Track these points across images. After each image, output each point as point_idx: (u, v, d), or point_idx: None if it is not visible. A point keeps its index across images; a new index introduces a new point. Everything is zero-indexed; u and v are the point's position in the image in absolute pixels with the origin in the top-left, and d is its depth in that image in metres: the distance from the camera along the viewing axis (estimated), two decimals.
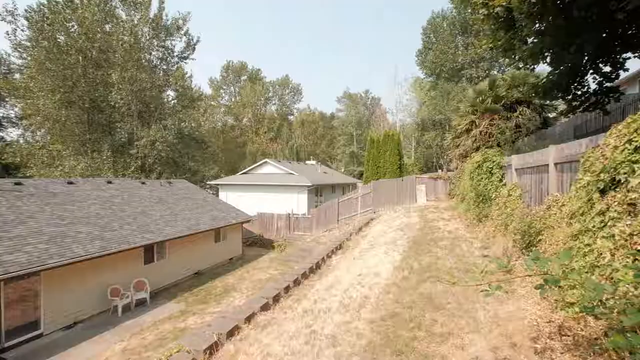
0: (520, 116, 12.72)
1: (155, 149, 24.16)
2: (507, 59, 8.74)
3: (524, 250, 5.70)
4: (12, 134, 37.60)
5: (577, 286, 3.07)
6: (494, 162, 9.06)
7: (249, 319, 5.66)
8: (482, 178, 9.40)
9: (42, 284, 8.77)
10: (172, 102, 29.91)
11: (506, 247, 6.58)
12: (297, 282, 7.97)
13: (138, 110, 24.91)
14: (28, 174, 23.50)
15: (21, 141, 30.51)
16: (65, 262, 8.72)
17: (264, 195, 24.21)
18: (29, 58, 23.17)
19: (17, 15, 22.14)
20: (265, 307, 6.23)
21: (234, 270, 14.82)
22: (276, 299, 6.75)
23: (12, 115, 37.00)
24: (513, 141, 12.47)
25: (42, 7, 22.28)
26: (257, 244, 20.43)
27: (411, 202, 17.37)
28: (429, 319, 4.61)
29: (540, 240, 5.22)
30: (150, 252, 12.07)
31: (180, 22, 27.70)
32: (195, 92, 30.75)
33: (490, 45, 7.67)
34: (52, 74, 21.64)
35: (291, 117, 65.52)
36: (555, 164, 5.60)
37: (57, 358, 7.60)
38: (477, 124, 13.76)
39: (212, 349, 4.59)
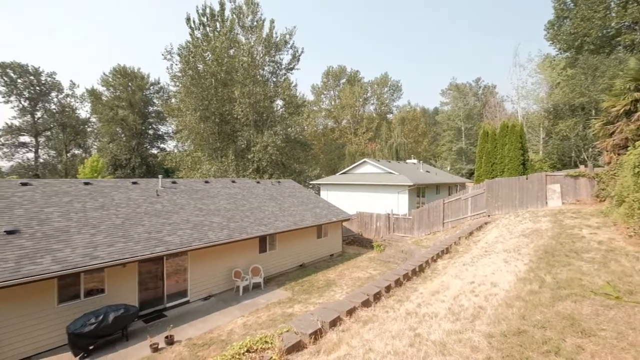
0: None
1: (267, 152, 27.37)
2: None
3: None
4: (170, 145, 48.97)
5: None
6: None
7: (350, 313, 5.71)
8: None
9: (189, 262, 11.02)
10: (281, 110, 33.28)
11: None
12: (398, 283, 7.63)
13: (254, 120, 28.74)
14: (180, 176, 30.17)
15: (175, 151, 39.47)
16: (203, 245, 10.73)
17: (362, 195, 24.32)
18: (179, 85, 29.70)
19: (173, 53, 28.74)
20: (366, 304, 6.18)
21: (334, 266, 15.35)
22: (377, 296, 6.61)
23: (170, 131, 48.20)
24: None
25: (188, 43, 28.24)
26: (356, 242, 20.66)
27: (540, 205, 14.44)
28: (571, 345, 3.67)
29: None
30: (263, 243, 13.68)
31: (287, 37, 30.64)
32: (300, 99, 33.41)
33: None
34: (194, 96, 27.17)
35: (390, 116, 63.88)
36: None
37: (199, 322, 9.40)
38: None
39: (317, 334, 4.81)
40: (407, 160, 36.02)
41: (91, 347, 7.64)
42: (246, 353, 4.23)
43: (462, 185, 29.45)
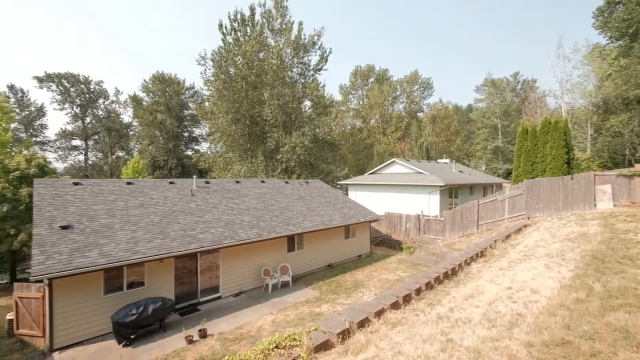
0: None
1: (295, 153, 27.73)
2: None
3: None
4: (204, 147, 51.19)
5: None
6: None
7: (378, 314, 5.62)
8: None
9: (221, 259, 11.43)
10: (309, 110, 33.56)
11: None
12: (429, 286, 7.39)
13: (283, 121, 29.24)
14: (213, 176, 31.44)
15: (208, 152, 41.20)
16: (234, 243, 11.09)
17: (391, 195, 23.85)
18: (212, 89, 30.95)
19: (206, 59, 30.03)
20: (395, 306, 6.05)
21: (362, 267, 15.18)
22: (406, 299, 6.45)
23: (204, 133, 50.37)
24: None
25: (220, 49, 29.35)
26: (384, 243, 20.30)
27: (587, 208, 13.31)
28: (623, 359, 3.34)
29: None
30: (292, 242, 13.85)
31: (315, 38, 30.84)
32: (327, 100, 33.46)
33: None
34: (226, 99, 28.18)
35: (420, 114, 62.04)
36: None
37: (230, 317, 9.72)
38: None
39: (345, 334, 4.79)
40: (439, 160, 34.77)
41: (132, 336, 8.18)
42: (275, 349, 4.31)
43: (498, 186, 27.91)
